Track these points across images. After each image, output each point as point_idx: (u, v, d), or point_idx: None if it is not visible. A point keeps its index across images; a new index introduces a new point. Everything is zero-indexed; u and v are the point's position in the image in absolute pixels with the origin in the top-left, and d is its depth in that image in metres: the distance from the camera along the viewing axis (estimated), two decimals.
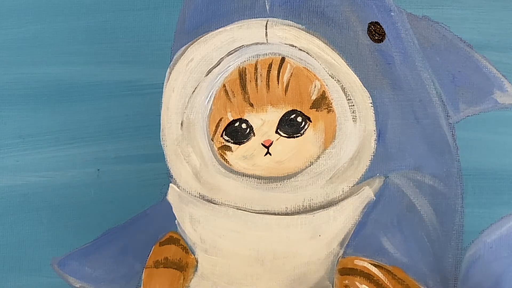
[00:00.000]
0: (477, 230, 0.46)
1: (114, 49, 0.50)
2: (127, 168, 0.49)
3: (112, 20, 0.50)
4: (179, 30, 0.49)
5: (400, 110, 0.47)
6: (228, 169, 0.47)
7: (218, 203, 0.47)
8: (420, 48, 0.48)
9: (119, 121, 0.49)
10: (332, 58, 0.47)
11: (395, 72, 0.47)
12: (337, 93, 0.47)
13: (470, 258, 0.46)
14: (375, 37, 0.47)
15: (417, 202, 0.46)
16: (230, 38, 0.48)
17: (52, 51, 0.50)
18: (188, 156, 0.48)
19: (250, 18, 0.48)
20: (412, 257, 0.46)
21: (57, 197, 0.49)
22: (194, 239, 0.47)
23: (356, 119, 0.47)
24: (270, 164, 0.47)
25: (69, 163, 0.49)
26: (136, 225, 0.48)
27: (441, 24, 0.48)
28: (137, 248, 0.48)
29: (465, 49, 0.48)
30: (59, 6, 0.51)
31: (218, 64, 0.48)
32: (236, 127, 0.47)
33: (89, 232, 0.49)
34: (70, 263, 0.48)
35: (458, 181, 0.47)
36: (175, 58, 0.49)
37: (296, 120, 0.47)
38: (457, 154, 0.47)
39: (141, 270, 0.47)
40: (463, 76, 0.47)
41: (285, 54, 0.47)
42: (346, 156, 0.46)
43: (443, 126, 0.47)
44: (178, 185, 0.48)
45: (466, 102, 0.47)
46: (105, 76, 0.50)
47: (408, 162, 0.47)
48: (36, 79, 0.50)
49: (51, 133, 0.50)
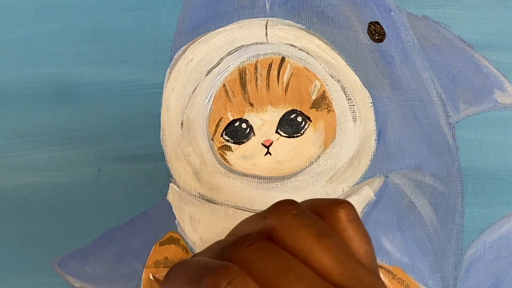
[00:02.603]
0: (477, 230, 0.46)
1: (114, 49, 0.50)
2: (127, 168, 0.49)
3: (112, 20, 0.50)
4: (179, 30, 0.49)
5: (400, 110, 0.47)
6: (228, 169, 0.47)
7: (218, 203, 0.47)
8: (420, 48, 0.48)
9: (119, 121, 0.49)
10: (332, 58, 0.47)
11: (395, 72, 0.47)
12: (337, 93, 0.47)
13: (470, 258, 0.46)
14: (375, 37, 0.47)
15: (417, 202, 0.46)
16: (230, 38, 0.48)
17: (52, 51, 0.50)
18: (188, 156, 0.48)
19: (250, 18, 0.48)
20: (412, 257, 0.46)
21: (57, 197, 0.49)
22: (194, 239, 0.47)
23: (356, 119, 0.47)
24: (270, 164, 0.47)
25: (69, 163, 0.49)
26: (136, 225, 0.48)
27: (441, 24, 0.48)
28: (137, 248, 0.48)
29: (465, 49, 0.48)
30: (59, 6, 0.51)
31: (218, 64, 0.48)
32: (236, 127, 0.47)
33: (89, 232, 0.49)
34: (70, 263, 0.48)
35: (458, 181, 0.47)
36: (175, 58, 0.49)
37: (296, 120, 0.47)
38: (457, 154, 0.47)
39: (141, 270, 0.47)
40: (463, 76, 0.47)
41: (285, 54, 0.47)
42: (346, 156, 0.46)
43: (443, 126, 0.47)
44: (178, 185, 0.48)
45: (466, 102, 0.47)
46: (105, 76, 0.50)
47: (408, 162, 0.47)
48: (36, 79, 0.50)
49: (51, 133, 0.50)
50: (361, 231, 0.27)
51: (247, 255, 0.24)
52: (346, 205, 0.27)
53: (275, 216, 0.25)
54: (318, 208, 0.27)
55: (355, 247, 0.27)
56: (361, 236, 0.27)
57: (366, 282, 0.24)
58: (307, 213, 0.26)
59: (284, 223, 0.25)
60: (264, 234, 0.25)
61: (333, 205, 0.27)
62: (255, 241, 0.25)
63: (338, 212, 0.27)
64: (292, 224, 0.25)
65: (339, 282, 0.24)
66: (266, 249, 0.24)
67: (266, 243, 0.25)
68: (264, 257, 0.24)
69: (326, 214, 0.27)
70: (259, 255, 0.24)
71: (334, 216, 0.26)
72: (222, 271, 0.23)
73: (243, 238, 0.25)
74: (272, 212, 0.26)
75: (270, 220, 0.25)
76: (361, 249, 0.27)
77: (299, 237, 0.25)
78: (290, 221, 0.25)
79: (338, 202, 0.27)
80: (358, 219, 0.27)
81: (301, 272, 0.24)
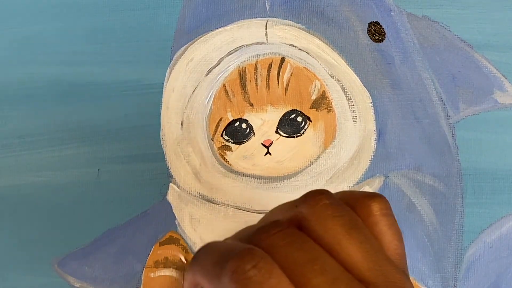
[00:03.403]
0: (477, 230, 0.46)
1: (114, 49, 0.50)
2: (127, 168, 0.49)
3: (112, 20, 0.50)
4: (179, 30, 0.49)
5: (400, 110, 0.47)
6: (228, 169, 0.47)
7: (218, 203, 0.47)
8: (420, 48, 0.48)
9: (119, 121, 0.49)
10: (332, 58, 0.47)
11: (395, 72, 0.47)
12: (337, 93, 0.47)
13: (470, 258, 0.46)
14: (375, 37, 0.47)
15: (417, 202, 0.46)
16: (230, 38, 0.48)
17: (52, 51, 0.50)
18: (188, 156, 0.48)
19: (250, 18, 0.48)
20: (412, 257, 0.46)
21: (57, 197, 0.49)
22: (194, 239, 0.47)
23: (356, 119, 0.47)
24: (270, 164, 0.47)
25: (69, 163, 0.49)
26: (136, 225, 0.48)
27: (441, 24, 0.48)
28: (137, 248, 0.48)
29: (465, 49, 0.48)
30: (59, 6, 0.51)
31: (218, 64, 0.48)
32: (236, 127, 0.47)
33: (89, 232, 0.48)
34: (70, 263, 0.48)
35: (458, 181, 0.47)
36: (175, 58, 0.49)
37: (296, 120, 0.47)
38: (457, 154, 0.47)
39: (141, 270, 0.47)
40: (463, 76, 0.47)
41: (285, 54, 0.47)
42: (346, 156, 0.46)
43: (443, 126, 0.47)
44: (178, 185, 0.48)
45: (466, 102, 0.47)
46: (105, 76, 0.50)
47: (408, 162, 0.47)
48: (36, 79, 0.50)
49: (51, 133, 0.50)
50: (393, 227, 0.26)
51: (274, 241, 0.24)
52: (380, 199, 0.26)
53: (307, 205, 0.25)
54: (351, 200, 0.26)
55: (386, 243, 0.26)
56: (393, 232, 0.26)
57: (393, 280, 0.24)
58: (339, 204, 0.25)
59: (315, 213, 0.25)
60: (294, 222, 0.25)
61: (367, 198, 0.26)
62: (283, 228, 0.24)
63: (371, 206, 0.26)
64: (322, 214, 0.25)
65: (366, 278, 0.24)
66: (294, 237, 0.24)
67: (294, 231, 0.24)
68: (291, 244, 0.24)
69: (359, 206, 0.26)
70: (286, 242, 0.24)
71: (367, 209, 0.26)
72: (246, 255, 0.23)
73: (271, 224, 0.25)
74: (304, 201, 0.25)
75: (301, 208, 0.25)
76: (392, 245, 0.26)
77: (328, 228, 0.24)
78: (321, 211, 0.25)
79: (372, 195, 0.26)
80: (392, 214, 0.27)
81: (327, 263, 0.23)
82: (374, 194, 0.27)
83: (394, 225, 0.26)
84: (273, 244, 0.24)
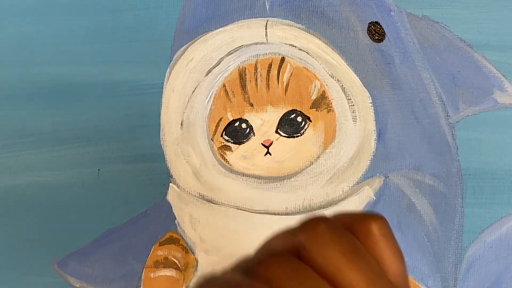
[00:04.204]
0: (477, 230, 0.46)
1: (114, 49, 0.50)
2: (127, 168, 0.49)
3: (112, 20, 0.50)
4: (179, 30, 0.49)
5: (400, 110, 0.47)
6: (228, 169, 0.47)
7: (218, 203, 0.47)
8: (420, 48, 0.47)
9: (119, 121, 0.49)
10: (332, 58, 0.47)
11: (395, 72, 0.47)
12: (337, 93, 0.47)
13: (470, 258, 0.46)
14: (375, 37, 0.47)
15: (417, 202, 0.46)
16: (230, 38, 0.48)
17: (52, 51, 0.50)
18: (188, 156, 0.48)
19: (250, 18, 0.48)
20: (412, 257, 0.46)
21: (57, 197, 0.49)
22: (194, 239, 0.47)
23: (356, 119, 0.47)
24: (270, 164, 0.47)
25: (69, 163, 0.49)
26: (136, 225, 0.48)
27: (441, 24, 0.48)
28: (137, 248, 0.48)
29: (465, 49, 0.48)
30: (59, 6, 0.51)
31: (218, 64, 0.48)
32: (236, 127, 0.47)
33: (89, 232, 0.49)
34: (70, 263, 0.48)
35: (458, 181, 0.47)
36: (175, 58, 0.49)
37: (296, 120, 0.47)
38: (457, 154, 0.47)
39: (141, 270, 0.47)
40: (463, 76, 0.47)
41: (285, 54, 0.47)
42: (346, 156, 0.46)
43: (443, 126, 0.47)
44: (178, 185, 0.48)
45: (466, 102, 0.47)
46: (105, 76, 0.50)
47: (408, 162, 0.47)
48: (36, 79, 0.50)
49: (51, 133, 0.50)
50: (394, 247, 0.26)
51: (275, 273, 0.24)
52: (379, 219, 0.26)
53: (305, 233, 0.25)
54: (350, 222, 0.26)
55: (387, 264, 0.26)
56: (394, 252, 0.26)
57: None
58: (338, 229, 0.25)
59: (313, 241, 0.24)
60: (293, 251, 0.25)
61: (365, 218, 0.26)
62: (283, 259, 0.24)
63: (370, 226, 0.26)
64: (321, 241, 0.24)
65: None
66: (294, 268, 0.24)
67: (294, 262, 0.24)
68: (292, 276, 0.24)
69: (358, 227, 0.26)
70: (287, 274, 0.24)
71: (366, 230, 0.26)
72: None
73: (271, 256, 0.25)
74: (302, 229, 0.25)
75: (300, 237, 0.25)
76: (393, 266, 0.26)
77: (328, 256, 0.24)
78: (320, 239, 0.24)
79: (370, 216, 0.26)
80: (391, 234, 0.26)
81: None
82: (372, 214, 0.27)
83: (394, 245, 0.26)
84: (274, 276, 0.24)
